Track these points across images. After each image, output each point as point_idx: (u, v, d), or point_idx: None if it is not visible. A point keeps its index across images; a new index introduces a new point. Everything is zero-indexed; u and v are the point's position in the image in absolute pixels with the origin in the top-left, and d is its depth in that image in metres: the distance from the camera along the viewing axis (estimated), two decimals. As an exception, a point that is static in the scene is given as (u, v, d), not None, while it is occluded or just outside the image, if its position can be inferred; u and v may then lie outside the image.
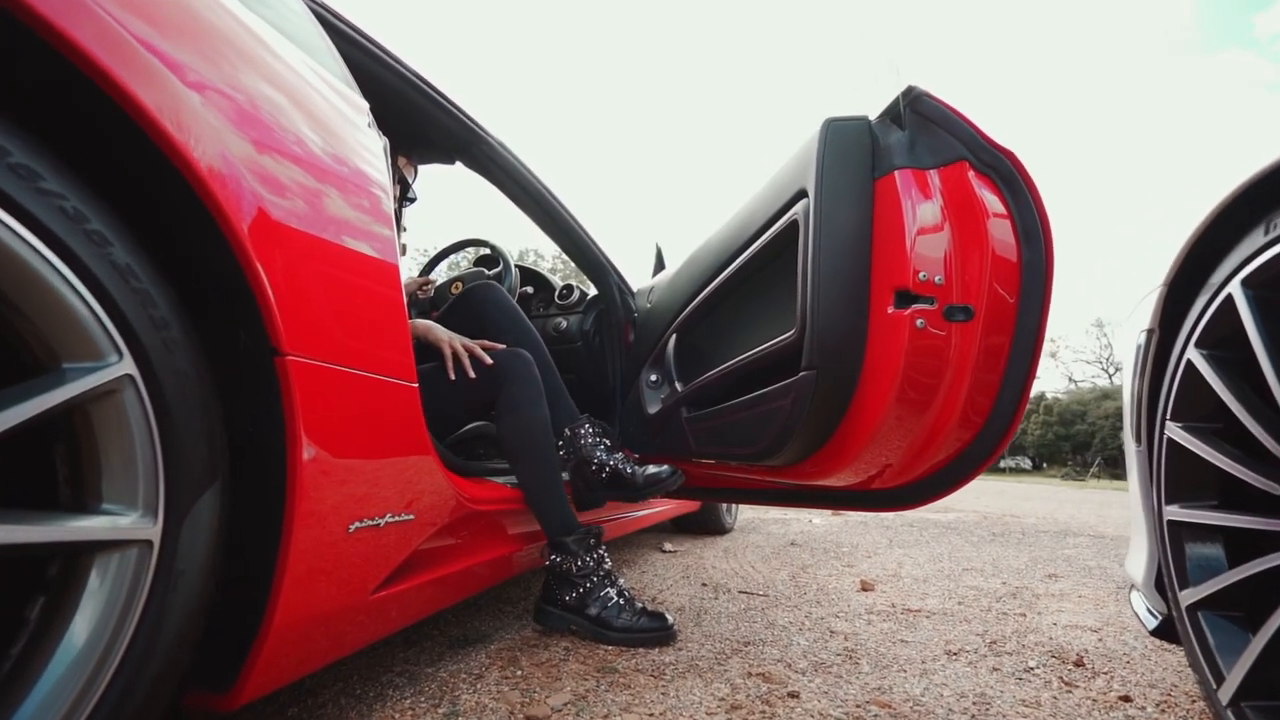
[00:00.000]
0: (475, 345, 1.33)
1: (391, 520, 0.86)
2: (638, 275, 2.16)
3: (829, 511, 3.96)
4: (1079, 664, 1.20)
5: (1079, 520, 4.40)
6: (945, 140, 0.99)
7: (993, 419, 1.06)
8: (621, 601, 1.28)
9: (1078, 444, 28.90)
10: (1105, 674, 1.15)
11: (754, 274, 1.31)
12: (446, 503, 1.01)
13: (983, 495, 6.85)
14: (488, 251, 2.16)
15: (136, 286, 0.56)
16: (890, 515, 3.97)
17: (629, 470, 1.38)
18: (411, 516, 0.91)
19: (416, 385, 0.91)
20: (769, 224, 1.20)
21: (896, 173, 1.01)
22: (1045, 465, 27.99)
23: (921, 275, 0.98)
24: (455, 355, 1.31)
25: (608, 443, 1.43)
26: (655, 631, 1.26)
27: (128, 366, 0.55)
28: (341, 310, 0.76)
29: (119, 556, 0.55)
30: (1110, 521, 4.42)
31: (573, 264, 2.23)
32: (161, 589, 0.57)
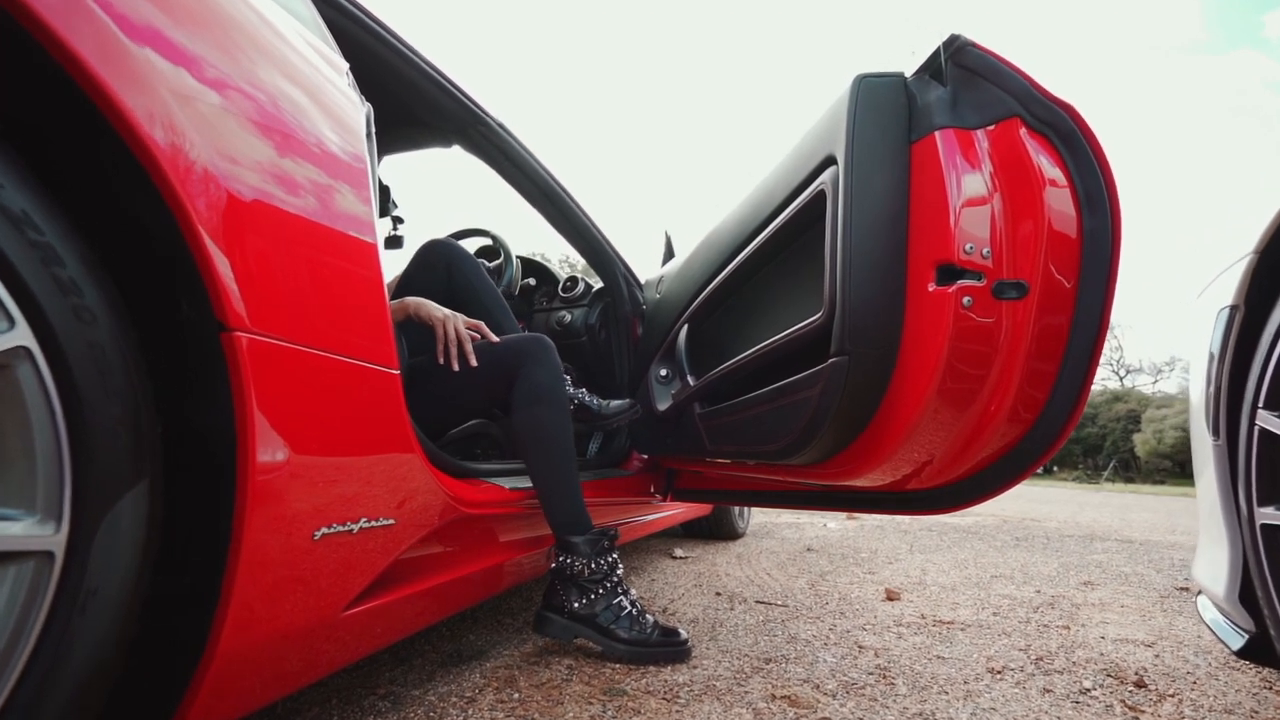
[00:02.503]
0: (467, 335, 1.20)
1: (367, 526, 0.75)
2: (646, 270, 2.05)
3: (843, 515, 3.83)
4: (1140, 685, 1.07)
5: (1103, 524, 4.25)
6: (993, 95, 0.88)
7: (1047, 414, 0.94)
8: (634, 612, 1.17)
9: (1089, 447, 28.55)
10: (1172, 696, 1.03)
11: (775, 254, 1.20)
12: (434, 506, 0.90)
13: (998, 498, 6.69)
14: (489, 242, 2.06)
15: (35, 239, 0.46)
16: (907, 519, 3.84)
17: (594, 403, 1.44)
18: (392, 521, 0.80)
19: (398, 372, 0.80)
20: (792, 197, 1.09)
21: (937, 133, 0.90)
22: (1056, 469, 27.68)
23: (967, 248, 0.87)
24: (449, 338, 1.18)
25: (569, 378, 1.44)
26: (668, 648, 1.15)
27: (22, 336, 0.45)
28: (304, 281, 0.66)
29: (13, 571, 0.45)
30: (1135, 526, 4.27)
31: (575, 264, 2.15)
32: (65, 611, 0.47)
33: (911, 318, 0.92)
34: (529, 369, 1.17)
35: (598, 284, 2.02)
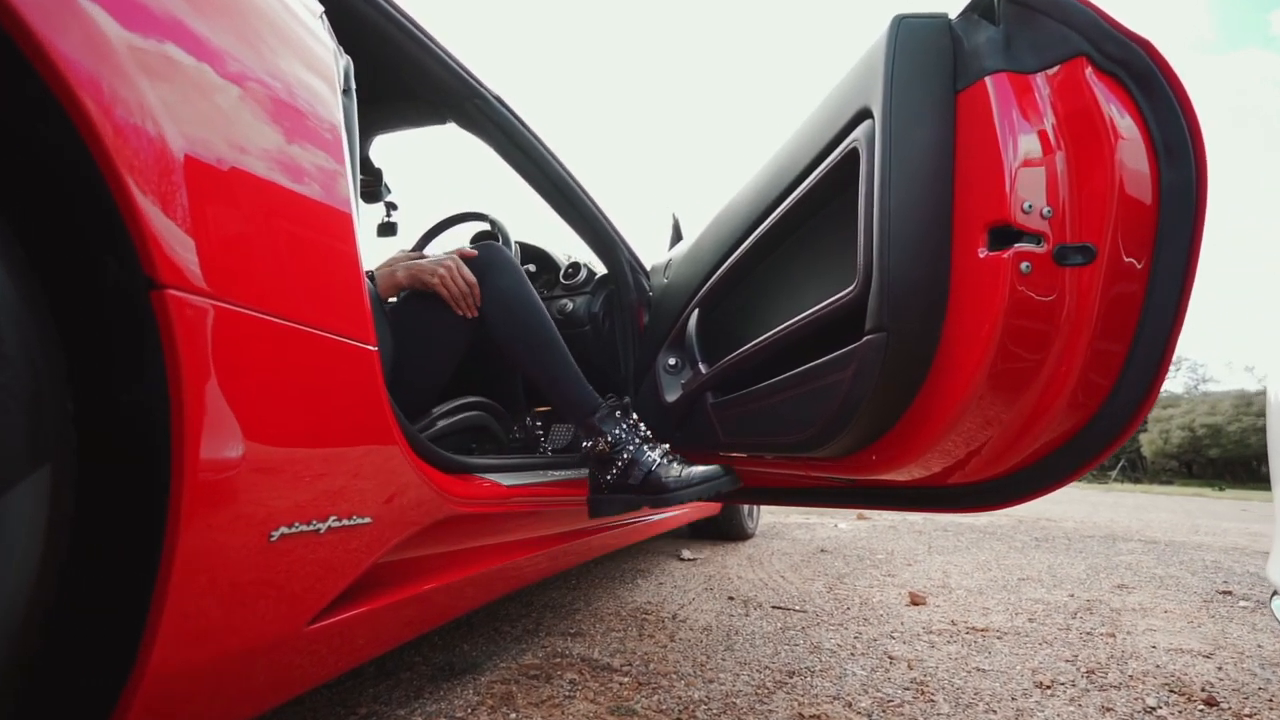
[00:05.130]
0: (464, 285, 1.16)
1: (337, 525, 0.65)
2: (651, 260, 1.95)
3: (854, 514, 3.72)
4: (1211, 703, 0.96)
5: (1121, 525, 4.13)
6: (1055, 32, 0.77)
7: (1112, 401, 0.83)
8: (666, 461, 1.11)
9: (1097, 447, 28.22)
10: (1250, 717, 0.92)
11: (799, 224, 1.09)
12: (419, 503, 0.80)
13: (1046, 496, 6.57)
14: (486, 227, 1.96)
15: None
16: (919, 518, 3.73)
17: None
18: (368, 520, 0.70)
19: (375, 349, 0.70)
20: (821, 158, 0.98)
21: (988, 79, 0.79)
22: (1064, 468, 27.47)
23: (1025, 206, 0.76)
24: (454, 293, 1.15)
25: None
26: (717, 479, 1.08)
27: None
28: (258, 236, 0.56)
29: None
30: (1155, 526, 4.15)
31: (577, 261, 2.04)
32: (-75, 633, 0.37)
33: (958, 288, 0.81)
34: (492, 279, 1.18)
35: (601, 270, 1.91)
